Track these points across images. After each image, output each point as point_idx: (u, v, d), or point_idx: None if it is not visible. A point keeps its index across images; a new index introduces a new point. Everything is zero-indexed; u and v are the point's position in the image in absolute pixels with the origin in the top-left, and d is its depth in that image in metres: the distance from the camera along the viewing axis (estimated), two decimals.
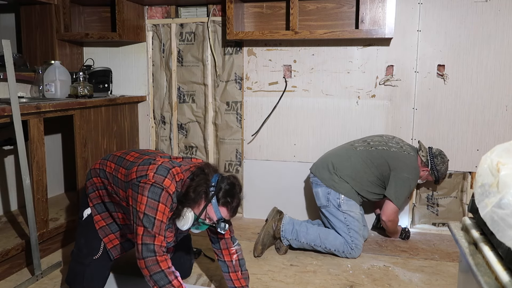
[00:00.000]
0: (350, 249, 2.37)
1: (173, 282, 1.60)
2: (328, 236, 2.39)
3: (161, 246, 1.64)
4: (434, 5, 2.63)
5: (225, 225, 1.73)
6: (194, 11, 3.06)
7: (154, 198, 1.64)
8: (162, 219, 1.65)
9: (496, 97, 2.63)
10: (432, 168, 2.53)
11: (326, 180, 2.46)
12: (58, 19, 2.95)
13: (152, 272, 1.59)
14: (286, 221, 2.44)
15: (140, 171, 1.72)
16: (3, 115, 2.03)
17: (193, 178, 1.72)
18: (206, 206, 1.68)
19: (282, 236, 2.42)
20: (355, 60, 2.79)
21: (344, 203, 2.41)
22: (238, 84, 3.01)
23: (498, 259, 0.83)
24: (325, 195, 2.45)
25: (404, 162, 2.44)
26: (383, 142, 2.53)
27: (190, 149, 3.19)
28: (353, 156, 2.49)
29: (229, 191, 1.71)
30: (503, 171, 0.85)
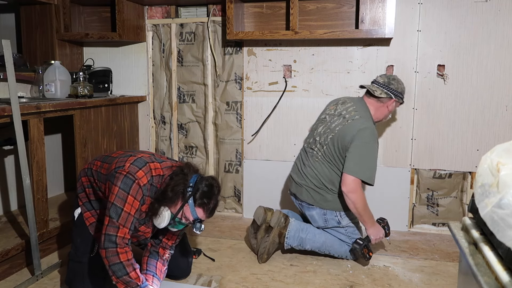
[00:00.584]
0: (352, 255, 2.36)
1: (131, 273, 1.67)
2: (334, 244, 2.35)
3: (124, 238, 1.68)
4: (434, 5, 2.63)
5: (200, 225, 1.77)
6: (194, 11, 3.06)
7: (124, 189, 1.69)
8: (129, 211, 1.68)
9: (496, 97, 2.63)
10: (396, 95, 2.35)
11: (319, 202, 2.33)
12: (58, 19, 2.95)
13: (111, 262, 1.66)
14: (292, 228, 2.35)
15: (119, 162, 1.77)
16: (3, 115, 2.03)
17: (172, 177, 1.76)
18: (182, 206, 1.72)
19: (286, 243, 2.35)
20: (355, 60, 2.79)
21: (343, 219, 2.35)
22: (238, 84, 3.01)
23: (498, 259, 0.83)
24: (321, 216, 2.36)
25: (351, 132, 2.23)
26: (328, 130, 2.34)
27: (190, 149, 3.19)
28: (322, 167, 2.33)
29: (206, 192, 1.74)
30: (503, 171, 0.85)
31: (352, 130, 2.23)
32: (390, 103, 2.38)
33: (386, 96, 2.35)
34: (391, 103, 2.38)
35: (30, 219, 2.13)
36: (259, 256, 2.35)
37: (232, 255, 2.44)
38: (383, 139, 2.81)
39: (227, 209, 3.17)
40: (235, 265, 2.32)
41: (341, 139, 2.26)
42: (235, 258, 2.41)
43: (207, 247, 2.54)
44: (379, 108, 2.39)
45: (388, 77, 2.40)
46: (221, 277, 2.18)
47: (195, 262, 2.34)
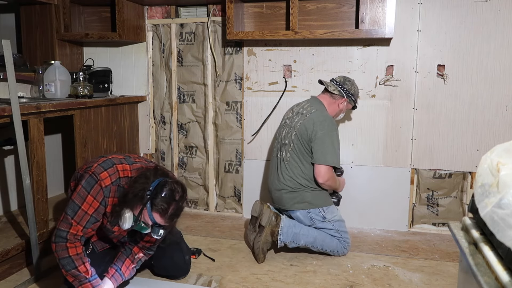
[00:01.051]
0: (343, 248, 2.41)
1: (79, 267, 1.73)
2: (325, 239, 2.39)
3: (76, 234, 1.73)
4: (434, 5, 2.63)
5: (158, 230, 1.74)
6: (194, 11, 3.06)
7: (86, 188, 1.74)
8: (87, 210, 1.73)
9: (496, 97, 2.63)
10: (348, 95, 2.47)
11: (301, 204, 2.38)
12: (58, 19, 2.95)
13: (60, 256, 1.73)
14: (284, 224, 2.37)
15: (90, 162, 1.83)
16: (3, 115, 2.03)
17: (136, 180, 1.77)
18: (142, 210, 1.72)
19: (280, 240, 2.35)
20: (355, 60, 2.79)
21: (327, 213, 2.40)
22: (238, 84, 3.01)
23: (498, 259, 0.83)
24: (306, 216, 2.39)
25: (311, 124, 2.34)
26: (290, 128, 2.43)
27: (190, 149, 3.19)
28: (292, 167, 2.39)
29: (165, 197, 1.71)
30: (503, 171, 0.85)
31: (312, 122, 2.36)
32: (341, 102, 2.49)
33: (338, 93, 2.47)
34: (342, 102, 2.49)
35: (30, 219, 2.13)
36: (256, 256, 2.36)
37: (232, 255, 2.44)
38: (383, 139, 2.81)
39: (227, 209, 3.17)
40: (235, 265, 2.32)
41: (304, 132, 2.36)
42: (235, 258, 2.41)
43: (207, 247, 2.54)
44: (331, 104, 2.49)
45: (345, 78, 2.54)
46: (221, 277, 2.18)
47: (195, 262, 2.34)
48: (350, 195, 2.88)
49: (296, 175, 2.39)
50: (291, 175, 2.40)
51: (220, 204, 3.18)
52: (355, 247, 2.56)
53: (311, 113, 2.40)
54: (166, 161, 3.24)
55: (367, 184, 2.86)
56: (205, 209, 3.23)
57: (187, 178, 3.23)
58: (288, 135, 2.44)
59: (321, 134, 2.33)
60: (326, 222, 2.40)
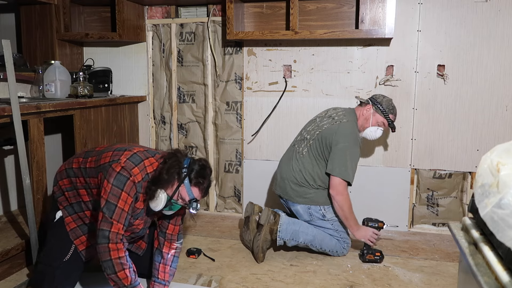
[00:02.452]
0: (342, 248, 2.41)
1: (118, 273, 1.68)
2: (325, 238, 2.40)
3: (118, 233, 1.69)
4: (434, 5, 2.63)
5: (197, 205, 1.80)
6: (194, 11, 3.06)
7: (118, 186, 1.70)
8: (123, 208, 1.70)
9: (496, 97, 2.63)
10: (374, 102, 2.45)
11: (303, 198, 2.40)
12: (58, 19, 2.95)
13: (103, 259, 1.68)
14: (283, 221, 2.38)
15: (114, 155, 1.79)
16: (3, 115, 2.03)
17: (166, 161, 1.78)
18: (178, 187, 1.75)
19: (279, 237, 2.36)
20: (355, 60, 2.79)
21: (327, 212, 2.41)
22: (238, 84, 3.01)
23: (498, 259, 0.83)
24: (306, 211, 2.41)
25: (337, 133, 2.33)
26: (316, 126, 2.46)
27: (190, 149, 3.19)
28: (305, 162, 2.41)
29: (200, 172, 1.78)
30: (503, 171, 0.85)
31: (339, 131, 2.35)
32: (367, 109, 2.46)
33: (366, 101, 2.48)
34: (368, 109, 2.45)
35: (30, 219, 2.13)
36: (255, 256, 2.36)
37: (232, 255, 2.44)
38: (383, 139, 2.81)
39: (227, 209, 3.17)
40: (235, 265, 2.32)
41: (327, 136, 2.36)
42: (235, 258, 2.41)
43: (207, 247, 2.54)
44: (360, 113, 2.48)
45: (382, 94, 2.52)
46: (221, 277, 2.18)
47: (195, 262, 2.34)
48: (350, 195, 2.88)
49: (306, 171, 2.40)
50: (301, 169, 2.41)
51: (220, 204, 3.18)
52: (355, 247, 2.56)
53: (342, 121, 2.39)
54: None
55: (367, 184, 2.86)
56: (205, 209, 3.23)
57: None
58: (312, 131, 2.46)
59: (343, 146, 2.30)
60: (326, 220, 2.41)
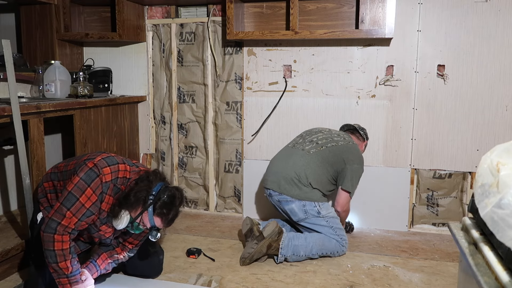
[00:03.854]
0: (342, 246, 2.41)
1: (60, 263, 1.70)
2: (324, 242, 2.38)
3: (67, 227, 1.70)
4: (434, 5, 2.63)
5: (156, 234, 1.80)
6: (194, 11, 3.06)
7: (86, 181, 1.72)
8: (84, 203, 1.71)
9: (496, 97, 2.63)
10: (367, 139, 2.73)
11: (298, 194, 2.39)
12: (58, 19, 2.95)
13: (46, 247, 1.70)
14: (285, 238, 2.33)
15: (91, 155, 1.82)
16: (3, 115, 2.03)
17: (137, 182, 1.78)
18: (142, 213, 1.75)
19: (281, 254, 2.31)
20: (355, 60, 2.79)
21: (322, 208, 2.41)
22: (238, 84, 3.01)
23: (498, 259, 0.83)
24: (301, 208, 2.40)
25: (353, 153, 2.52)
26: (330, 139, 2.54)
27: (190, 149, 3.19)
28: (311, 161, 2.43)
29: (167, 203, 1.76)
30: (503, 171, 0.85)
31: (354, 153, 2.53)
32: (363, 145, 2.72)
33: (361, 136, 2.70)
34: (363, 144, 2.73)
35: (30, 219, 2.12)
36: (241, 258, 2.32)
37: (232, 255, 2.44)
38: (383, 139, 2.81)
39: (227, 209, 3.17)
40: (235, 265, 2.32)
41: (343, 153, 2.49)
42: (235, 258, 2.41)
43: (207, 247, 2.54)
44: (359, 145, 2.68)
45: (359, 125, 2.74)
46: (221, 277, 2.18)
47: (195, 262, 2.34)
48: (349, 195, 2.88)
49: (310, 169, 2.42)
50: (306, 167, 2.42)
51: (220, 204, 3.18)
52: (355, 247, 2.56)
53: (353, 144, 2.58)
54: (166, 161, 3.24)
55: (367, 184, 2.85)
56: (205, 209, 3.23)
57: (187, 178, 3.23)
58: (324, 140, 2.54)
59: (357, 167, 2.49)
60: (320, 217, 2.40)
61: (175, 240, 2.65)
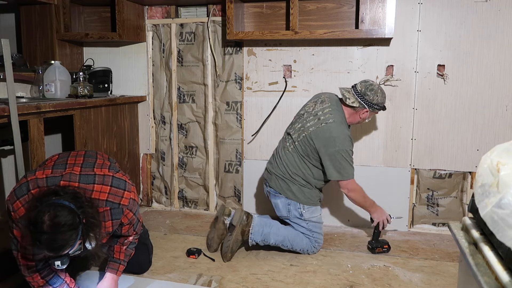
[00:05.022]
0: (313, 247, 2.43)
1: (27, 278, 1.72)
2: (296, 238, 2.41)
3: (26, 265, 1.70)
4: (434, 5, 2.62)
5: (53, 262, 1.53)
6: (194, 11, 3.06)
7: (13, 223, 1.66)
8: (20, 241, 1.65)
9: (496, 97, 2.63)
10: (370, 105, 2.36)
11: (284, 191, 2.41)
12: (58, 19, 2.95)
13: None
14: (255, 224, 2.39)
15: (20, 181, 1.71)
16: (2, 115, 2.03)
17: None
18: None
19: (251, 239, 2.37)
20: (355, 60, 2.79)
21: (306, 211, 2.41)
22: (238, 84, 3.01)
23: (498, 259, 0.83)
24: (285, 206, 2.41)
25: (324, 137, 2.30)
26: (302, 128, 2.40)
27: (190, 149, 3.19)
28: (291, 159, 2.41)
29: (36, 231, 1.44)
30: (503, 171, 0.85)
31: (326, 134, 2.30)
32: (363, 112, 2.41)
33: (358, 105, 2.38)
34: (364, 112, 2.41)
35: None
36: (223, 255, 2.36)
37: None
38: (383, 139, 2.81)
39: None
40: (235, 265, 2.32)
41: (313, 140, 2.34)
42: (235, 258, 2.41)
43: (207, 247, 2.54)
44: (352, 115, 2.43)
45: (367, 87, 2.38)
46: (221, 277, 2.18)
47: (195, 262, 2.34)
48: None
49: (291, 166, 2.40)
50: (287, 165, 2.41)
51: (220, 204, 3.18)
52: (355, 247, 2.56)
53: (327, 123, 2.32)
54: (166, 161, 3.24)
55: (367, 184, 2.84)
56: (205, 209, 3.22)
57: (187, 178, 3.23)
58: (298, 131, 2.43)
59: (333, 151, 2.28)
60: (302, 219, 2.41)
61: (175, 240, 2.65)
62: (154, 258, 2.31)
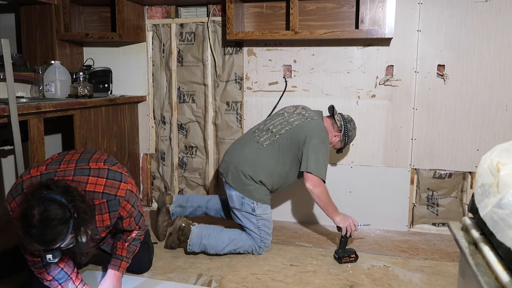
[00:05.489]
0: (258, 247, 2.41)
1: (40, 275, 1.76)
2: (238, 242, 2.39)
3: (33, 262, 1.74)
4: (434, 5, 2.63)
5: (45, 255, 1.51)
6: (194, 11, 3.06)
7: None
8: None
9: (496, 97, 2.63)
10: (345, 133, 2.49)
11: (240, 187, 2.38)
12: (58, 19, 2.95)
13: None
14: (193, 236, 2.36)
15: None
16: (2, 115, 2.03)
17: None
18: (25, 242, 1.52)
19: (189, 249, 2.37)
20: (355, 60, 2.79)
21: (258, 208, 2.39)
22: (238, 84, 3.01)
23: (498, 259, 0.83)
24: (239, 199, 2.40)
25: (310, 129, 2.34)
26: (285, 122, 2.43)
27: (190, 149, 3.19)
28: (262, 155, 2.39)
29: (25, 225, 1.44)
30: (503, 171, 0.85)
31: (311, 127, 2.36)
32: (335, 135, 2.51)
33: (339, 126, 2.50)
34: (336, 136, 2.51)
35: None
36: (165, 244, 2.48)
37: (232, 255, 2.44)
38: (383, 139, 2.81)
39: None
40: (235, 265, 2.32)
41: (298, 133, 2.35)
42: (235, 258, 2.41)
43: None
44: (329, 129, 2.48)
45: (350, 120, 2.56)
46: (221, 277, 2.18)
47: (195, 262, 2.34)
48: (350, 195, 2.88)
49: (260, 164, 2.37)
50: (256, 161, 2.38)
51: None
52: (355, 247, 2.55)
53: (313, 119, 2.42)
54: (166, 161, 3.24)
55: (367, 184, 2.86)
56: None
57: (187, 178, 3.23)
58: (279, 126, 2.43)
59: (317, 142, 2.31)
60: (253, 215, 2.39)
61: None
62: (154, 258, 2.31)
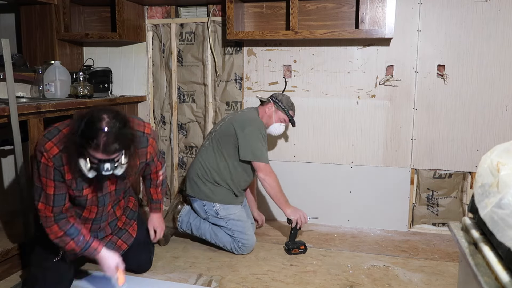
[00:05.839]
0: (237, 247, 2.43)
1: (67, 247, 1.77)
2: (218, 233, 2.44)
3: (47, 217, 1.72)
4: (434, 5, 2.63)
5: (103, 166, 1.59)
6: (194, 11, 3.06)
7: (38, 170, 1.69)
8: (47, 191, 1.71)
9: (496, 97, 2.63)
10: (274, 101, 2.56)
11: (198, 193, 2.46)
12: (58, 19, 2.95)
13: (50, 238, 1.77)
14: (183, 213, 2.52)
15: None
16: (2, 115, 2.03)
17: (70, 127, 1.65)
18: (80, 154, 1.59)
19: (179, 226, 2.52)
20: (355, 60, 2.79)
21: (221, 209, 2.43)
22: (238, 84, 3.01)
23: (498, 259, 0.83)
24: (201, 208, 2.46)
25: (241, 119, 2.46)
26: (222, 121, 2.56)
27: (190, 149, 3.19)
28: (206, 155, 2.48)
29: (89, 130, 1.54)
30: (503, 171, 0.85)
31: (243, 117, 2.49)
32: (268, 107, 2.57)
33: (266, 100, 2.60)
34: (269, 107, 2.57)
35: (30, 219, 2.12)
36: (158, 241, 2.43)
37: (232, 255, 2.44)
38: (383, 139, 2.81)
39: None
40: (235, 265, 2.32)
41: (230, 125, 2.45)
42: (235, 258, 2.41)
43: (206, 247, 2.54)
44: (263, 112, 2.58)
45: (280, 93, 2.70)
46: (221, 277, 2.18)
47: (195, 262, 2.34)
48: (350, 195, 2.89)
49: (207, 164, 2.46)
50: (204, 163, 2.47)
51: None
52: (355, 247, 2.56)
53: (244, 112, 2.58)
54: (166, 161, 3.24)
55: (367, 184, 2.86)
56: None
57: None
58: (217, 126, 2.57)
59: (250, 130, 2.39)
60: (219, 218, 2.43)
61: (175, 240, 2.65)
62: (154, 258, 2.31)
